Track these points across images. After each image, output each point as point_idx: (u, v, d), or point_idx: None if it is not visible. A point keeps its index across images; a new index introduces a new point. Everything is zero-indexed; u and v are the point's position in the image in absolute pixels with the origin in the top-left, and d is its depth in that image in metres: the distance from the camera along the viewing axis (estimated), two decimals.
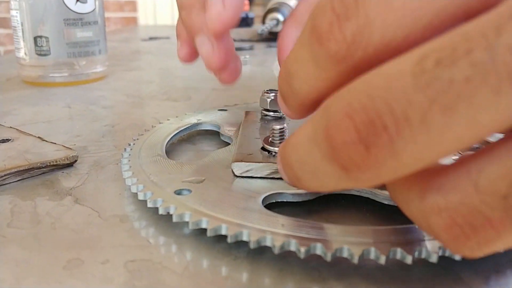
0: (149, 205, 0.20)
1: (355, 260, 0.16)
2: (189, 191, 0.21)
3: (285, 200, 0.21)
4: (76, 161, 0.27)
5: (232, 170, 0.22)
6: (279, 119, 0.30)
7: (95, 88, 0.48)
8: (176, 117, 0.32)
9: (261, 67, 0.61)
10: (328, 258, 0.16)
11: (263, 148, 0.24)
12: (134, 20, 2.03)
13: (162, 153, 0.25)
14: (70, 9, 0.46)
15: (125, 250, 0.18)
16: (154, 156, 0.25)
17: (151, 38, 0.95)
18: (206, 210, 0.19)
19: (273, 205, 0.21)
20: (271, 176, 0.22)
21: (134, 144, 0.27)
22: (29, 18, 0.46)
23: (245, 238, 0.17)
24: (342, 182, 0.13)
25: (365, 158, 0.12)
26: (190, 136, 0.32)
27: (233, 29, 0.24)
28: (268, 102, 0.30)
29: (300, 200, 0.21)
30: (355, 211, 0.22)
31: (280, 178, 0.22)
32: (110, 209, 0.22)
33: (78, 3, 0.47)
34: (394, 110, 0.11)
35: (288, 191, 0.21)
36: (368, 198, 0.21)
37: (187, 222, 0.19)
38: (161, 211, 0.20)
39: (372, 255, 0.16)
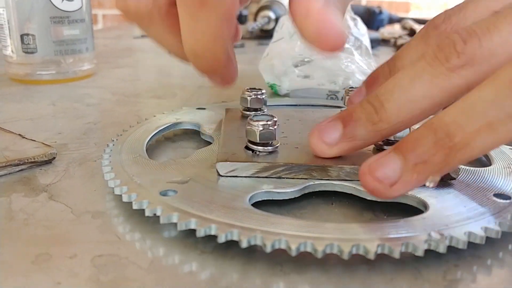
0: (135, 207, 0.20)
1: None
2: (175, 191, 0.21)
3: (271, 198, 0.21)
4: (54, 158, 0.27)
5: (217, 170, 0.23)
6: None
7: (82, 86, 0.48)
8: (154, 116, 0.32)
9: (250, 65, 0.61)
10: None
11: (246, 147, 0.24)
12: None
13: (143, 153, 0.25)
14: (56, 7, 0.47)
15: (93, 246, 0.19)
16: (135, 156, 0.25)
17: (143, 36, 0.95)
18: (193, 210, 0.19)
19: (258, 204, 0.21)
20: (256, 175, 0.22)
21: (113, 144, 0.27)
22: (16, 15, 0.46)
23: (235, 238, 0.18)
24: None
25: None
26: (169, 136, 0.32)
27: None
28: (249, 101, 0.30)
29: (286, 198, 0.21)
30: (347, 210, 0.22)
31: (264, 177, 0.22)
32: (84, 205, 0.22)
33: (65, 1, 0.47)
34: None
35: (274, 190, 0.21)
36: (351, 194, 0.22)
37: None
38: (147, 213, 0.20)
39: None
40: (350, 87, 0.31)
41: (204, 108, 0.34)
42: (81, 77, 0.50)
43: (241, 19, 1.25)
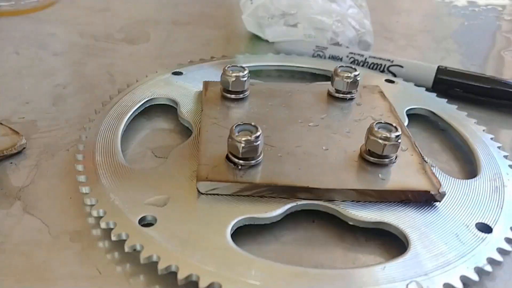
0: (113, 238, 0.20)
1: None
2: (154, 218, 0.20)
3: (253, 223, 0.21)
4: (24, 148, 0.26)
5: (197, 188, 0.22)
6: (241, 100, 0.28)
7: (45, 20, 0.44)
8: (127, 86, 0.30)
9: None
10: None
11: (227, 157, 0.23)
12: None
13: (119, 154, 0.24)
14: None
15: (75, 285, 0.19)
16: (112, 161, 0.23)
17: None
18: (175, 251, 0.19)
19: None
20: (238, 194, 0.22)
21: (86, 136, 0.25)
22: None
23: (216, 287, 0.17)
24: None
25: None
26: (145, 109, 0.30)
27: None
28: (230, 83, 0.28)
29: (269, 222, 0.21)
30: (328, 231, 0.22)
31: (247, 195, 0.22)
32: (61, 221, 0.21)
33: None
34: None
35: (256, 215, 0.21)
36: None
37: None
38: (127, 249, 0.19)
39: None
40: (340, 66, 0.29)
41: (181, 73, 0.32)
42: (43, 6, 0.46)
43: None
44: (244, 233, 0.21)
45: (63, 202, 0.23)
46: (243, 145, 0.22)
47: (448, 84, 0.32)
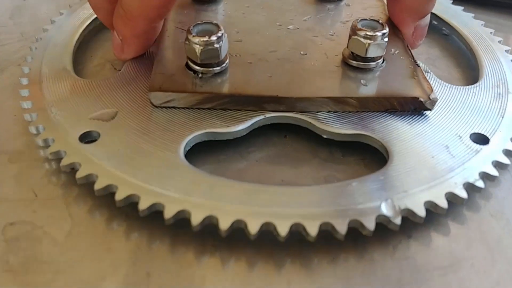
0: (50, 157, 0.17)
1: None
2: (98, 133, 0.18)
3: (213, 139, 0.18)
4: None
5: (150, 100, 0.19)
6: (213, 3, 0.25)
7: None
8: None
9: None
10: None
11: (187, 66, 0.20)
12: None
13: (69, 64, 0.21)
14: None
15: (7, 208, 0.17)
16: (58, 70, 0.21)
17: None
18: (115, 168, 0.16)
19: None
20: (197, 107, 0.19)
21: (36, 48, 0.22)
22: None
23: (159, 208, 0.15)
24: None
25: None
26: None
27: None
28: None
29: (232, 137, 0.18)
30: (301, 145, 0.19)
31: (208, 108, 0.19)
32: (1, 141, 0.19)
33: None
34: None
35: (216, 130, 0.18)
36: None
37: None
38: (64, 169, 0.17)
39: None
40: None
41: None
42: None
43: None
44: (205, 151, 0.18)
45: (7, 120, 0.20)
46: (202, 48, 0.18)
47: None
